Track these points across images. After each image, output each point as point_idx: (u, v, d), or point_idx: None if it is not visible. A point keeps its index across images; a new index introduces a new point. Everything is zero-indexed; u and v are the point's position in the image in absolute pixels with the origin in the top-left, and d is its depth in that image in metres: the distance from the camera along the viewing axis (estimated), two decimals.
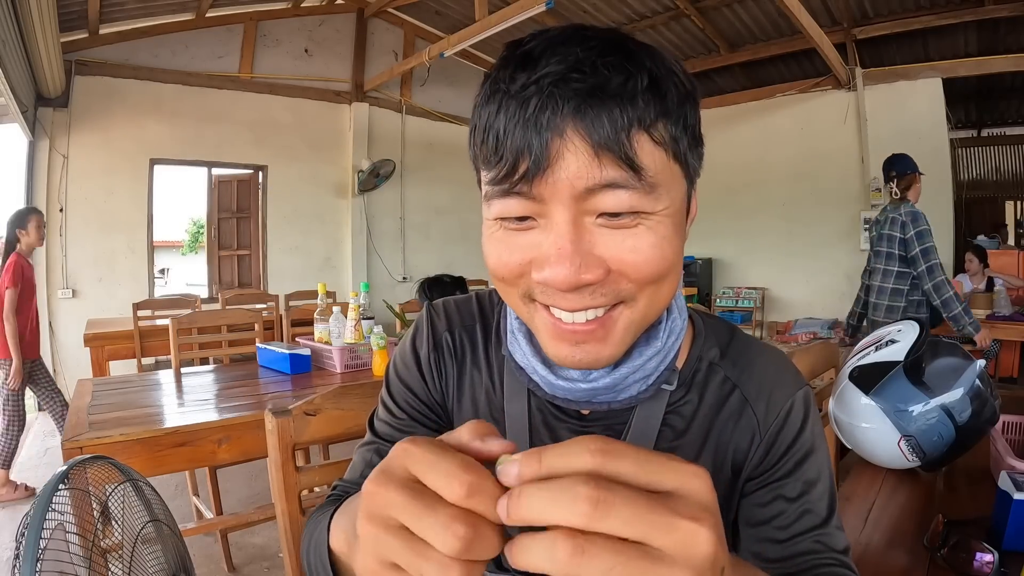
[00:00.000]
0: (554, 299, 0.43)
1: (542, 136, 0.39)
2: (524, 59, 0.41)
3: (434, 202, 6.63)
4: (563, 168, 0.39)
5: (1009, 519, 0.81)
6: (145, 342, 3.33)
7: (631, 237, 0.42)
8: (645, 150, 0.40)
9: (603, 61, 0.40)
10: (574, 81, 0.39)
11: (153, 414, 1.65)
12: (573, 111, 0.39)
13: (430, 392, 0.62)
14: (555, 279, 0.41)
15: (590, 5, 5.38)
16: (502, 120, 0.41)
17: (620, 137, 0.39)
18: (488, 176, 0.43)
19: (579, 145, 0.39)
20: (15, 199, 4.51)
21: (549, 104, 0.39)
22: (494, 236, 0.45)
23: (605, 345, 0.45)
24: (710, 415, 0.55)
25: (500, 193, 0.42)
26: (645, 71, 0.41)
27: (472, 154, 0.46)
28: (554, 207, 0.41)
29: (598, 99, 0.39)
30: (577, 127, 0.39)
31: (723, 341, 0.58)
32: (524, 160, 0.40)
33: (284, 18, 5.56)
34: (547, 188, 0.40)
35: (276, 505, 0.85)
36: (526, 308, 0.46)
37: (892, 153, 2.90)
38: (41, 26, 3.13)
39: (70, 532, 0.81)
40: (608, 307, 0.44)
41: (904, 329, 1.13)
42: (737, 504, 0.56)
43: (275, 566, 2.18)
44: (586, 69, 0.39)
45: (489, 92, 0.42)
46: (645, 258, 0.42)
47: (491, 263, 0.46)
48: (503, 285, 0.47)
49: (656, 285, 0.44)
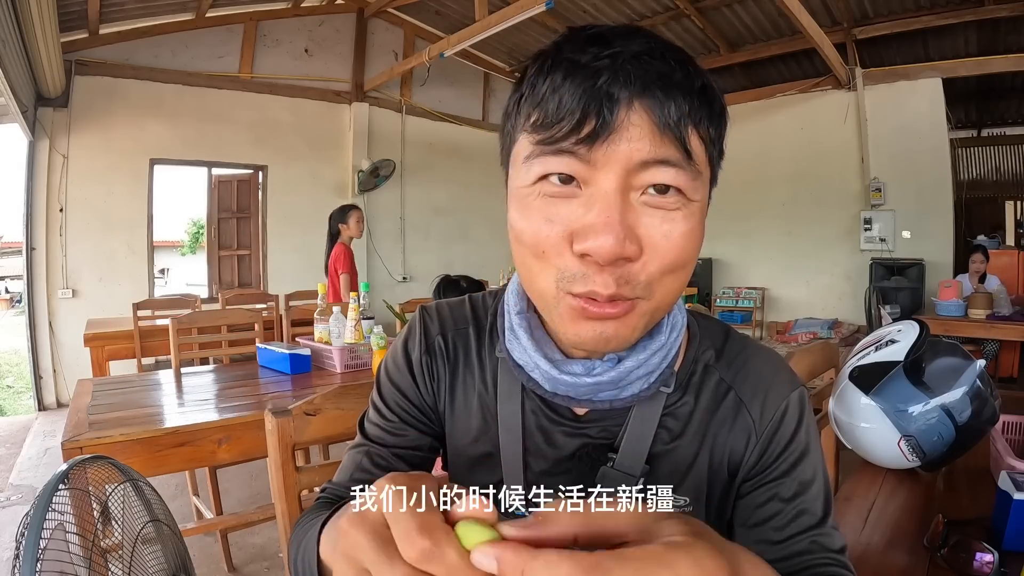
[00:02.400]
0: (594, 281, 0.42)
1: (610, 104, 0.41)
2: (595, 37, 0.43)
3: (434, 202, 6.62)
4: (625, 139, 0.41)
5: (1009, 519, 0.81)
6: (145, 342, 3.32)
7: (668, 222, 0.43)
8: (695, 141, 0.43)
9: (671, 54, 0.43)
10: (646, 62, 0.41)
11: (153, 414, 1.65)
12: (642, 88, 0.41)
13: (421, 395, 0.61)
14: (600, 249, 0.41)
15: (590, 5, 5.38)
16: (569, 86, 0.41)
17: (681, 122, 0.42)
18: (540, 136, 0.43)
19: (644, 120, 0.41)
20: (15, 199, 4.52)
21: (621, 76, 0.41)
22: (531, 205, 0.44)
23: (624, 326, 0.45)
24: (706, 417, 0.55)
25: (551, 151, 0.42)
26: (700, 75, 0.44)
27: (511, 125, 0.47)
28: (605, 175, 0.42)
29: (666, 84, 0.41)
30: (643, 104, 0.41)
31: (718, 343, 0.58)
32: (589, 122, 0.41)
33: (284, 18, 5.56)
34: (604, 155, 0.41)
35: (276, 505, 0.84)
36: (555, 294, 0.45)
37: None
38: (41, 26, 3.13)
39: (70, 532, 0.81)
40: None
41: (904, 329, 1.13)
42: (733, 505, 0.56)
43: (275, 566, 2.18)
44: (657, 56, 0.42)
45: (552, 62, 0.43)
46: (674, 244, 0.43)
47: (528, 236, 0.44)
48: (540, 263, 0.45)
49: (673, 275, 0.45)
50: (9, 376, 6.88)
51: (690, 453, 0.55)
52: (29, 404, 4.80)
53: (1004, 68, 5.02)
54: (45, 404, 4.47)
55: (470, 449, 0.60)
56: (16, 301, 13.13)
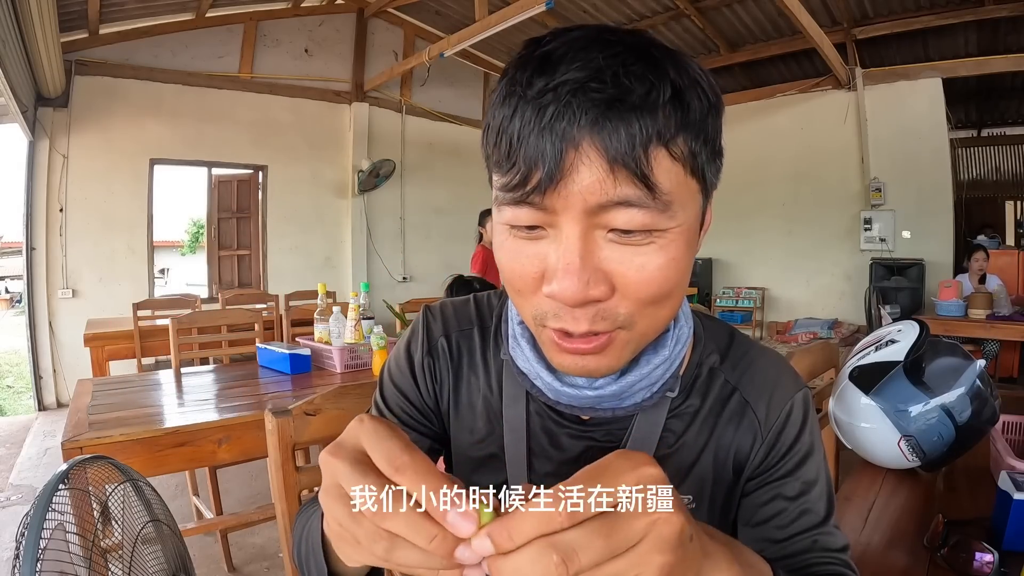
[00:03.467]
0: (564, 320, 0.42)
1: (556, 147, 0.38)
2: (543, 62, 0.39)
3: (434, 202, 6.62)
4: (576, 182, 0.38)
5: (1009, 519, 0.81)
6: (145, 342, 3.32)
7: (640, 255, 0.41)
8: (663, 167, 0.39)
9: (625, 70, 0.38)
10: (593, 91, 0.37)
11: (153, 414, 1.65)
12: (590, 123, 0.37)
13: (422, 397, 0.61)
14: (563, 294, 0.40)
15: (590, 5, 5.38)
16: (516, 125, 0.39)
17: (637, 153, 0.37)
18: (500, 181, 0.42)
19: (594, 159, 0.37)
20: (15, 199, 4.52)
21: (566, 114, 0.37)
22: (505, 243, 0.44)
23: (606, 358, 0.44)
24: (711, 419, 0.55)
25: (511, 201, 0.41)
26: (668, 82, 0.39)
27: (485, 153, 0.45)
28: (564, 220, 0.40)
29: (617, 111, 0.37)
30: (593, 140, 0.37)
31: (722, 345, 0.58)
32: (537, 171, 0.38)
33: (284, 18, 5.56)
34: (559, 200, 0.39)
35: (276, 505, 0.84)
36: (534, 326, 0.46)
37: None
38: (41, 26, 3.13)
39: (70, 532, 0.81)
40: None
41: (904, 329, 1.13)
42: (737, 504, 0.56)
43: (275, 566, 2.18)
44: (607, 78, 0.37)
45: (505, 93, 0.41)
46: (649, 278, 0.41)
47: (505, 273, 0.45)
48: (519, 298, 0.45)
49: (656, 306, 0.43)
50: (9, 376, 6.88)
51: (694, 452, 0.55)
52: (29, 404, 4.80)
53: (1004, 68, 5.02)
54: (45, 404, 4.47)
55: (474, 450, 0.60)
56: (16, 301, 13.13)
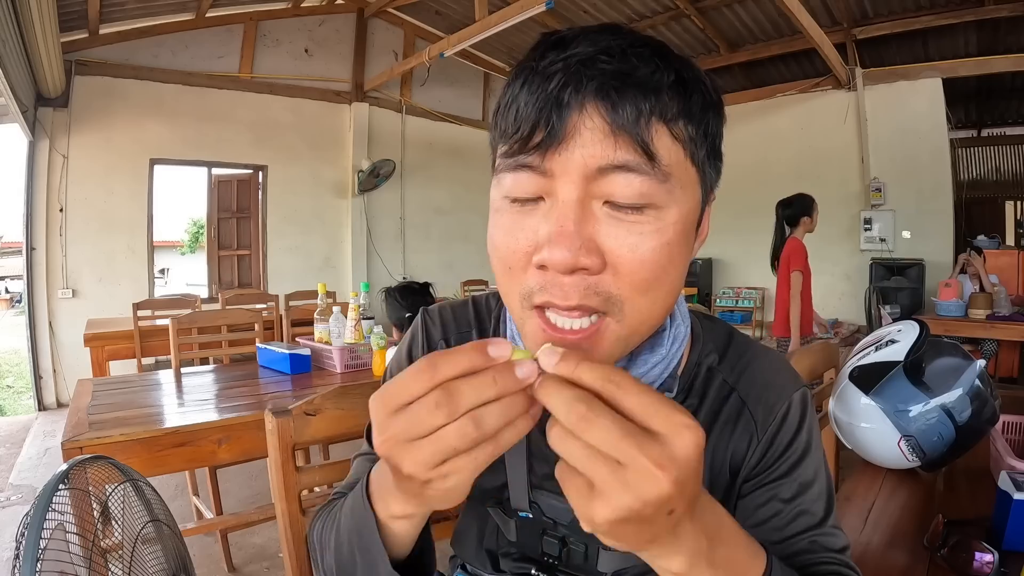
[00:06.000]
0: (551, 292, 0.41)
1: (561, 110, 0.39)
2: (556, 43, 0.42)
3: (434, 202, 6.62)
4: (578, 144, 0.39)
5: (1009, 519, 0.81)
6: (145, 342, 3.32)
7: (634, 235, 0.40)
8: (663, 142, 0.40)
9: (633, 51, 0.40)
10: (602, 63, 0.39)
11: (153, 414, 1.65)
12: (595, 90, 0.39)
13: None
14: (553, 259, 0.39)
15: (590, 5, 5.38)
16: (524, 94, 0.41)
17: (640, 122, 0.39)
18: (503, 149, 0.43)
19: (597, 123, 0.39)
20: (15, 199, 4.51)
21: (572, 81, 0.39)
22: (502, 217, 0.44)
23: (593, 352, 0.43)
24: (709, 419, 0.55)
25: (512, 166, 0.42)
26: (672, 69, 0.41)
27: (492, 137, 0.46)
28: (563, 184, 0.40)
29: (622, 83, 0.39)
30: (597, 106, 0.39)
31: (721, 345, 0.58)
32: (540, 131, 0.40)
33: (284, 18, 5.56)
34: (559, 163, 0.40)
35: (276, 505, 0.84)
36: (520, 312, 0.45)
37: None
38: (41, 26, 3.13)
39: (70, 532, 0.81)
40: (596, 318, 0.42)
41: (904, 329, 1.13)
42: (734, 506, 0.56)
43: (275, 566, 2.18)
44: (615, 54, 0.40)
45: (517, 71, 0.43)
46: (641, 259, 0.41)
47: (499, 248, 0.44)
48: (507, 277, 0.44)
49: (645, 295, 0.42)
50: (9, 376, 6.88)
51: None
52: (29, 404, 4.80)
53: (1004, 68, 5.02)
54: (45, 404, 4.47)
55: None
56: (16, 301, 13.13)
